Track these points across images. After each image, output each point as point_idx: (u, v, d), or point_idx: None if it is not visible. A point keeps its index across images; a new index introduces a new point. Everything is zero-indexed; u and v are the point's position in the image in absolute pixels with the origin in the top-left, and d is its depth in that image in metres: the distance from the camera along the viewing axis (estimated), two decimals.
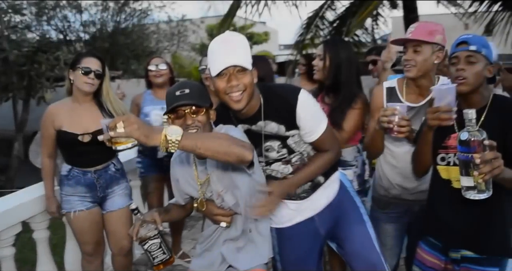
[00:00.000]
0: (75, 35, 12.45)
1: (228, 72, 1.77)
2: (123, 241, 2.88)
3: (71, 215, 2.72)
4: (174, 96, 1.78)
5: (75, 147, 2.68)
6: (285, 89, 1.99)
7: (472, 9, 7.86)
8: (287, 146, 1.99)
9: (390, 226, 2.39)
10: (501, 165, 1.46)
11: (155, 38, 13.58)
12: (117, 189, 2.84)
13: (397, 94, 2.28)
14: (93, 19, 12.30)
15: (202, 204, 1.98)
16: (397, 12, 8.82)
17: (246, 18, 6.64)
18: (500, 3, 7.65)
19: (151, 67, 3.38)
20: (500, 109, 1.79)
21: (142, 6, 12.85)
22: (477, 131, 1.49)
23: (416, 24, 2.19)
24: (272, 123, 1.94)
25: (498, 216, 1.82)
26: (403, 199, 2.32)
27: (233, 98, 1.80)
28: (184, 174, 2.01)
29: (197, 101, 1.78)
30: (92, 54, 2.73)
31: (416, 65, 2.13)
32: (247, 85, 1.80)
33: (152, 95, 3.44)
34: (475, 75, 1.78)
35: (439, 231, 1.96)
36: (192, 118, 1.79)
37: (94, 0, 12.03)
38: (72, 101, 2.73)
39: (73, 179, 2.71)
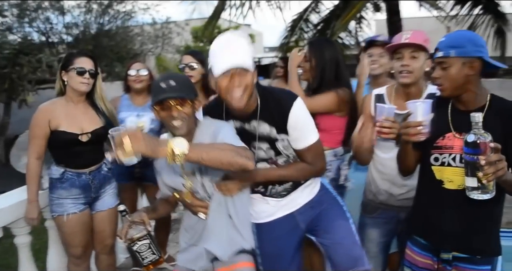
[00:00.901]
0: (58, 37, 12.27)
1: (230, 72, 1.81)
2: (108, 239, 2.90)
3: (63, 218, 2.68)
4: (160, 88, 1.82)
5: (72, 147, 2.66)
6: (282, 94, 2.02)
7: (454, 13, 7.99)
8: (275, 149, 2.01)
9: (375, 232, 2.39)
10: (505, 167, 1.50)
11: (139, 40, 13.47)
12: (108, 188, 2.85)
13: (385, 100, 2.30)
14: (76, 21, 12.15)
15: (188, 196, 1.98)
16: (381, 15, 8.90)
17: (231, 21, 6.63)
18: (480, 7, 7.79)
19: (131, 71, 3.29)
20: (501, 112, 1.78)
21: (126, 8, 12.74)
22: (483, 133, 1.53)
23: (410, 31, 2.18)
24: (265, 124, 1.98)
25: (488, 216, 1.83)
26: (390, 205, 2.33)
27: (235, 97, 1.84)
28: (168, 166, 1.98)
29: (182, 94, 1.84)
30: (84, 54, 2.74)
31: (413, 72, 2.14)
32: (248, 85, 1.85)
33: (129, 100, 3.35)
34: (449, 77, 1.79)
35: (428, 232, 1.97)
36: (177, 110, 1.83)
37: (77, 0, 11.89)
38: (65, 101, 2.71)
39: (67, 182, 2.67)
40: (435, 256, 1.94)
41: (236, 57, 1.81)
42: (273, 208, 2.13)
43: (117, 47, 12.23)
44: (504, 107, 1.79)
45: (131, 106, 3.31)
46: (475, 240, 1.84)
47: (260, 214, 2.13)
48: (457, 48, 1.77)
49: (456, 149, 1.82)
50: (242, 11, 6.28)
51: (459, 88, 1.80)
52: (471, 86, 1.80)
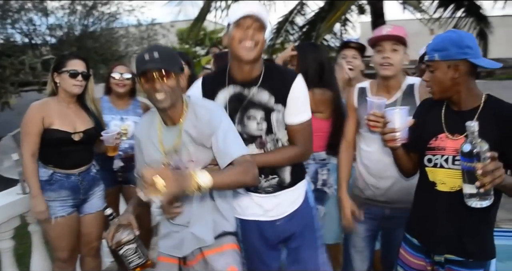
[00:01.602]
0: (41, 39, 12.13)
1: (247, 24, 1.90)
2: (94, 242, 2.89)
3: (51, 222, 2.65)
4: (143, 59, 1.79)
5: (63, 146, 2.65)
6: (286, 69, 2.19)
7: (437, 15, 8.09)
8: (269, 121, 2.02)
9: (361, 227, 2.42)
10: (502, 174, 1.47)
11: (124, 42, 13.38)
12: (97, 190, 2.84)
13: (367, 93, 2.35)
14: (60, 22, 12.03)
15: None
16: (365, 17, 8.98)
17: (216, 22, 6.63)
18: (463, 9, 7.91)
19: (115, 74, 3.22)
20: (497, 114, 1.74)
21: (111, 10, 12.66)
22: (479, 142, 1.51)
23: (391, 25, 2.25)
24: (265, 92, 2.00)
25: (482, 219, 1.80)
26: (376, 201, 2.35)
27: (246, 46, 1.90)
28: (148, 137, 1.98)
29: (165, 66, 1.79)
30: (76, 56, 2.75)
31: (394, 64, 2.20)
32: (260, 42, 1.93)
33: (110, 103, 3.28)
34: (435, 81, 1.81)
35: (421, 233, 1.97)
36: (160, 82, 1.79)
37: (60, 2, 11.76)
38: (57, 102, 2.70)
39: (56, 184, 2.65)
40: (428, 257, 1.95)
41: (256, 8, 1.92)
42: (259, 208, 2.11)
43: (101, 49, 12.13)
44: (500, 110, 1.75)
45: (113, 109, 3.26)
46: (468, 243, 1.82)
47: (245, 211, 2.12)
48: (441, 52, 1.77)
49: (448, 150, 1.81)
50: (227, 13, 6.27)
51: (447, 90, 1.80)
52: (461, 87, 1.78)
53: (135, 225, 1.89)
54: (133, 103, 3.33)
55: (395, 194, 2.29)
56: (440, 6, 7.99)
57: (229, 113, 1.99)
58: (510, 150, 1.68)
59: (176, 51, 2.01)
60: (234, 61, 2.00)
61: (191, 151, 1.90)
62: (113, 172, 3.24)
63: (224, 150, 1.82)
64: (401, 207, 2.29)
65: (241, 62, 1.96)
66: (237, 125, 2.02)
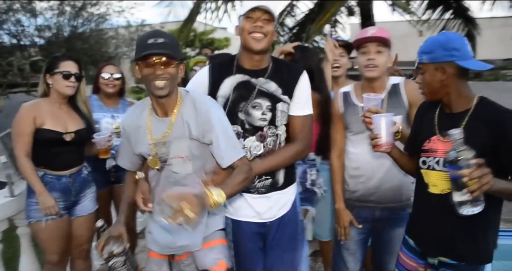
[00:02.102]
0: (30, 40, 12.04)
1: (256, 16, 1.99)
2: (85, 244, 2.87)
3: (42, 224, 2.62)
4: (146, 43, 1.74)
5: (55, 147, 2.63)
6: (293, 63, 2.24)
7: (426, 17, 8.16)
8: (274, 111, 2.06)
9: (353, 230, 2.42)
10: (490, 181, 1.46)
11: (114, 43, 13.33)
12: (88, 192, 2.82)
13: (352, 97, 2.37)
14: (49, 23, 11.95)
15: (155, 162, 1.94)
16: (355, 19, 9.03)
17: (206, 24, 6.62)
18: (451, 11, 7.99)
19: (104, 74, 3.20)
20: (488, 118, 1.72)
21: (100, 11, 12.60)
22: (464, 150, 1.51)
23: (375, 27, 2.27)
24: (272, 83, 2.08)
25: (476, 222, 1.76)
26: (366, 201, 2.35)
27: (256, 37, 1.99)
28: (137, 128, 1.95)
29: (170, 52, 1.76)
30: (69, 57, 2.74)
31: (379, 66, 2.22)
32: (269, 32, 2.01)
33: (99, 101, 3.26)
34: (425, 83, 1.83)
35: (416, 235, 1.98)
36: (162, 69, 1.76)
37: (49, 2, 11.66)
38: (49, 103, 2.69)
39: (47, 186, 2.62)
40: (422, 259, 1.95)
41: (266, 4, 1.99)
42: (251, 210, 2.13)
43: (91, 50, 12.06)
44: (492, 113, 1.72)
45: (103, 107, 3.25)
46: (461, 246, 1.81)
47: (238, 211, 2.13)
48: (428, 54, 1.78)
49: (439, 152, 1.82)
50: (217, 15, 6.27)
51: (437, 92, 1.81)
52: (450, 89, 1.78)
53: (126, 238, 1.89)
54: (122, 102, 3.32)
55: (385, 193, 2.30)
56: (428, 7, 8.05)
57: (234, 100, 2.04)
58: (502, 154, 1.67)
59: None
60: (244, 51, 2.08)
61: (182, 145, 1.88)
62: (105, 174, 3.22)
63: (226, 152, 1.86)
64: (391, 207, 2.32)
65: (251, 52, 2.04)
66: (241, 113, 2.05)
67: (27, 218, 2.66)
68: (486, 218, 1.75)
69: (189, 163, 1.90)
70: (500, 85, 11.00)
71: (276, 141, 2.10)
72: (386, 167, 2.28)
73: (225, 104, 2.05)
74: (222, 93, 2.07)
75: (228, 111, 2.02)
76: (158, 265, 2.05)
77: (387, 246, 2.37)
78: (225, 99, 2.06)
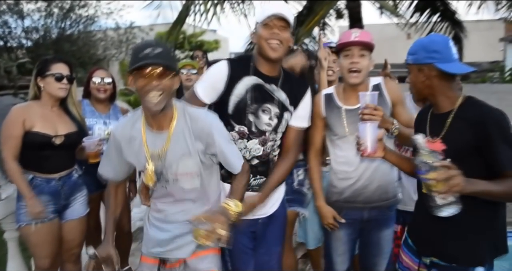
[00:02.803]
0: (17, 41, 11.94)
1: (273, 24, 2.02)
2: (76, 248, 2.84)
3: (31, 228, 2.58)
4: (142, 54, 1.68)
5: (44, 150, 2.60)
6: (299, 78, 2.29)
7: (414, 20, 8.24)
8: (280, 119, 2.14)
9: (342, 232, 2.41)
10: (459, 182, 1.47)
11: (103, 45, 13.27)
12: (78, 196, 2.78)
13: (335, 100, 2.36)
14: (36, 25, 11.87)
15: (150, 178, 1.89)
16: (344, 21, 9.09)
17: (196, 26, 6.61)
18: (438, 14, 8.08)
19: (95, 79, 3.17)
20: (472, 118, 1.72)
21: (89, 13, 12.55)
22: (427, 155, 1.54)
23: (358, 30, 2.26)
24: (282, 92, 2.14)
25: (468, 224, 1.76)
26: (355, 202, 2.35)
27: (272, 45, 2.03)
28: (131, 140, 1.89)
29: (166, 62, 1.70)
30: (60, 59, 2.73)
31: (362, 70, 2.23)
32: (286, 39, 2.05)
33: (91, 106, 3.23)
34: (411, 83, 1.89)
35: (413, 234, 2.01)
36: (157, 80, 1.70)
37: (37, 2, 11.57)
38: (40, 106, 2.67)
39: (36, 189, 2.59)
40: (418, 258, 1.97)
41: (282, 9, 2.05)
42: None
43: (79, 52, 12.00)
44: (474, 113, 1.73)
45: (95, 113, 3.22)
46: (452, 247, 1.81)
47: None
48: (412, 55, 1.84)
49: None
50: (206, 17, 6.26)
51: (421, 92, 1.86)
52: (434, 90, 1.81)
53: (116, 260, 1.88)
54: (113, 108, 3.30)
55: (373, 193, 2.32)
56: (416, 10, 8.14)
57: (247, 101, 2.07)
58: (487, 154, 1.68)
59: None
60: (260, 57, 2.11)
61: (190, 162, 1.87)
62: (97, 178, 3.17)
63: (233, 161, 1.93)
64: (379, 206, 2.34)
65: (267, 59, 2.08)
66: (250, 115, 2.08)
67: (16, 222, 2.63)
68: (478, 220, 1.76)
69: (197, 179, 1.91)
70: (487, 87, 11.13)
71: (274, 146, 2.17)
72: (374, 167, 2.30)
73: (238, 103, 2.07)
74: (237, 92, 2.08)
75: (239, 110, 2.06)
76: (150, 270, 2.04)
77: (376, 247, 2.39)
78: (239, 98, 2.08)
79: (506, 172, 1.63)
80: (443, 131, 1.79)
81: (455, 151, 1.62)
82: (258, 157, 2.13)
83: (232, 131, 2.07)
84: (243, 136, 2.09)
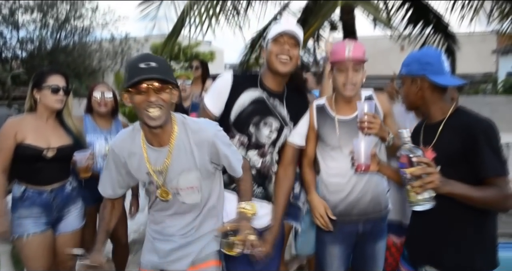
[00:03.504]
0: (11, 52, 11.92)
1: (283, 40, 2.10)
2: (70, 261, 2.79)
3: (23, 239, 2.56)
4: (138, 68, 1.62)
5: (36, 162, 2.59)
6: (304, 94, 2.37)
7: (407, 32, 8.31)
8: (280, 133, 2.20)
9: (336, 248, 2.38)
10: (434, 180, 1.54)
11: (98, 56, 13.27)
12: (73, 208, 2.76)
13: (328, 111, 2.36)
14: (31, 36, 11.86)
15: (166, 193, 1.88)
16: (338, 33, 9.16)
17: (191, 38, 6.63)
18: (431, 27, 8.16)
19: (96, 93, 3.20)
20: (461, 127, 1.78)
21: (84, 24, 12.57)
22: (408, 149, 1.61)
23: (352, 43, 2.25)
24: (284, 108, 2.20)
25: (460, 233, 1.80)
26: (349, 215, 2.33)
27: (282, 60, 2.10)
28: (131, 155, 1.86)
29: (163, 76, 1.64)
30: (56, 71, 2.74)
31: (357, 84, 2.24)
32: (295, 56, 2.13)
33: (93, 121, 3.25)
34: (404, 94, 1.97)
35: (408, 243, 2.04)
36: (155, 95, 1.64)
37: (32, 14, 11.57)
38: (36, 118, 2.67)
39: (27, 200, 2.59)
40: (413, 267, 1.98)
41: (292, 27, 2.13)
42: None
43: (74, 63, 11.99)
44: (464, 122, 1.80)
45: (97, 129, 3.22)
46: (445, 257, 1.84)
47: (230, 214, 2.09)
48: (406, 67, 1.93)
49: None
50: (202, 29, 6.28)
51: (414, 103, 1.94)
52: (426, 101, 1.90)
53: (104, 267, 1.85)
54: (115, 123, 3.30)
55: (367, 205, 2.31)
56: (409, 22, 8.21)
57: (250, 112, 2.12)
58: (472, 160, 1.73)
59: None
60: (268, 72, 2.19)
61: (191, 176, 1.85)
62: (95, 190, 3.14)
63: (236, 166, 1.94)
64: (373, 218, 2.33)
65: (276, 74, 2.15)
66: (252, 126, 2.13)
67: (11, 234, 2.61)
68: (470, 229, 1.79)
69: (198, 193, 1.89)
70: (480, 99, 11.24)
71: (272, 160, 2.21)
72: (366, 178, 2.29)
73: (240, 112, 2.13)
74: (241, 102, 2.14)
75: (240, 120, 2.12)
76: None
77: (371, 260, 2.38)
78: (242, 108, 2.14)
79: (489, 179, 1.69)
80: (434, 139, 1.85)
81: (445, 158, 1.70)
82: (257, 169, 2.17)
83: (233, 139, 2.10)
84: (243, 145, 2.14)
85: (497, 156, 1.70)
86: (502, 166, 1.71)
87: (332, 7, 5.58)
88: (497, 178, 1.68)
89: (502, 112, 8.41)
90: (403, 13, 8.17)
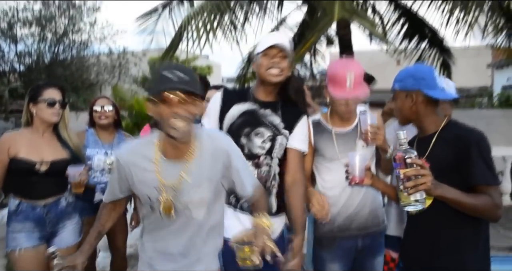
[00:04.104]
0: (9, 65, 11.95)
1: (272, 54, 2.12)
2: None
3: (16, 254, 2.54)
4: (166, 78, 1.56)
5: (29, 176, 2.57)
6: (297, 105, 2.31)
7: (403, 46, 8.39)
8: (273, 142, 2.18)
9: (336, 266, 2.35)
10: (427, 182, 1.58)
11: (95, 70, 13.30)
12: (68, 224, 2.71)
13: (324, 124, 2.38)
14: (29, 49, 11.90)
15: (169, 208, 1.77)
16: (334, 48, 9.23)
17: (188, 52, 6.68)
18: (427, 41, 8.25)
19: (96, 107, 3.22)
20: (454, 140, 1.83)
21: (82, 38, 12.63)
22: (403, 150, 1.64)
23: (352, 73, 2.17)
24: (277, 116, 2.21)
25: (453, 243, 1.83)
26: (349, 230, 2.32)
27: (272, 73, 2.13)
28: (139, 167, 1.78)
29: (193, 89, 1.58)
30: (52, 84, 2.75)
31: (354, 109, 2.30)
32: (285, 68, 2.15)
33: (95, 135, 3.26)
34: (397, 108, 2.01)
35: (402, 253, 2.08)
36: (183, 107, 1.58)
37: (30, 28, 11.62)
38: (32, 132, 2.67)
39: (21, 214, 2.57)
40: None
41: (281, 39, 2.15)
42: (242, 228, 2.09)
43: (72, 77, 12.01)
44: (458, 135, 1.84)
45: (98, 143, 3.22)
46: (437, 267, 1.86)
47: (228, 230, 2.05)
48: (399, 82, 1.98)
49: None
50: (199, 43, 6.33)
51: (407, 117, 1.99)
52: (419, 115, 1.95)
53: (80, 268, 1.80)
54: (117, 136, 3.31)
55: (366, 219, 2.31)
56: (405, 37, 8.30)
57: (240, 124, 2.15)
58: (463, 168, 1.77)
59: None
60: (259, 84, 2.23)
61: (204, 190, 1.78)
62: (94, 203, 3.11)
63: (248, 182, 1.87)
64: (372, 233, 2.34)
65: (267, 85, 2.19)
66: (243, 137, 2.14)
67: (5, 247, 2.60)
68: (462, 240, 1.82)
69: (207, 208, 1.83)
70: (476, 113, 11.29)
71: (270, 172, 2.19)
72: (363, 191, 2.30)
73: (231, 125, 2.17)
74: (230, 115, 2.18)
75: (231, 132, 2.11)
76: None
77: None
78: (231, 121, 2.18)
79: (480, 186, 1.74)
80: (427, 151, 1.89)
81: (438, 169, 1.71)
82: None
83: None
84: None
85: (488, 166, 1.76)
86: (493, 175, 1.76)
87: (329, 22, 5.65)
88: (488, 187, 1.73)
89: (498, 125, 8.44)
90: (399, 27, 8.28)
